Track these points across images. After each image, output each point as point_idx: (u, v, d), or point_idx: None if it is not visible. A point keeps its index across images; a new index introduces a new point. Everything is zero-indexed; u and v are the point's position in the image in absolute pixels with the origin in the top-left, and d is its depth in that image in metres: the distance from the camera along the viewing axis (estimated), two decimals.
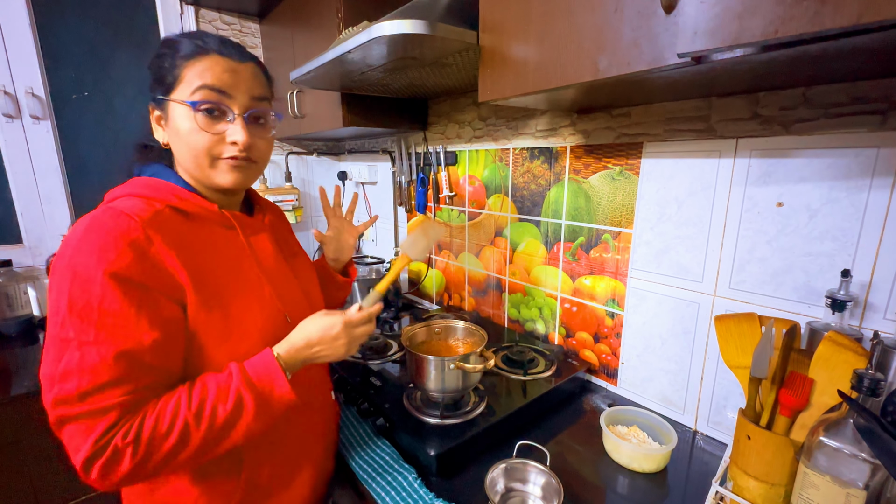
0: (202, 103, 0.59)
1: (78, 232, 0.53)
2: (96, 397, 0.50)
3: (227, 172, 0.63)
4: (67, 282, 0.51)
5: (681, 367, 0.94)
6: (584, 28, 0.62)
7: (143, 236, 0.54)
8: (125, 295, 0.51)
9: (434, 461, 0.77)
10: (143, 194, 0.59)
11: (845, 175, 0.68)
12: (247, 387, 0.57)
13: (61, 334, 0.50)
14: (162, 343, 0.54)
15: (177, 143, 0.62)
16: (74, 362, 0.49)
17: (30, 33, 1.43)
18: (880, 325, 0.68)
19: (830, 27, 0.36)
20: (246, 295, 0.64)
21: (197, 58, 0.60)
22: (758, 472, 0.64)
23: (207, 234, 0.63)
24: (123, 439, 0.50)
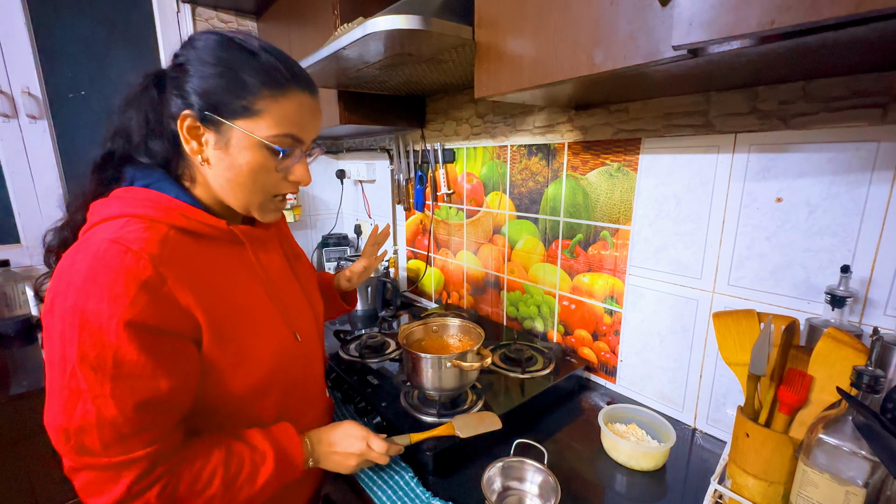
0: (287, 152, 0.57)
1: (80, 270, 0.48)
2: (121, 448, 0.49)
3: (274, 211, 0.64)
4: (76, 330, 0.46)
5: (680, 364, 0.93)
6: (580, 21, 0.61)
7: (154, 275, 0.49)
8: (141, 344, 0.48)
9: (431, 460, 0.77)
10: (144, 215, 0.53)
11: (845, 170, 0.67)
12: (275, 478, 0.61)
13: (71, 385, 0.47)
14: (178, 387, 0.53)
15: (226, 171, 0.57)
16: (92, 416, 0.47)
17: (26, 32, 1.42)
18: (880, 322, 0.67)
19: (828, 17, 0.35)
20: (258, 321, 0.62)
21: (285, 93, 0.56)
22: (757, 469, 0.64)
23: (216, 255, 0.59)
24: (158, 496, 0.51)
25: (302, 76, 0.58)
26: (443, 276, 1.61)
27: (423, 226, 1.66)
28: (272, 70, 0.55)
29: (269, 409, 0.66)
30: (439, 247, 1.60)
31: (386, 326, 1.37)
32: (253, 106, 0.54)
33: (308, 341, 0.72)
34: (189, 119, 0.55)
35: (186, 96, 0.55)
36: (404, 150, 1.62)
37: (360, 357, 1.11)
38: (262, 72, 0.55)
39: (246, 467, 0.58)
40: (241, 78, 0.54)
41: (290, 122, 0.57)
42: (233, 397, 0.60)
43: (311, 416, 0.76)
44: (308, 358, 0.73)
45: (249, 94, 0.54)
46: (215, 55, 0.55)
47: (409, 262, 1.79)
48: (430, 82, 1.21)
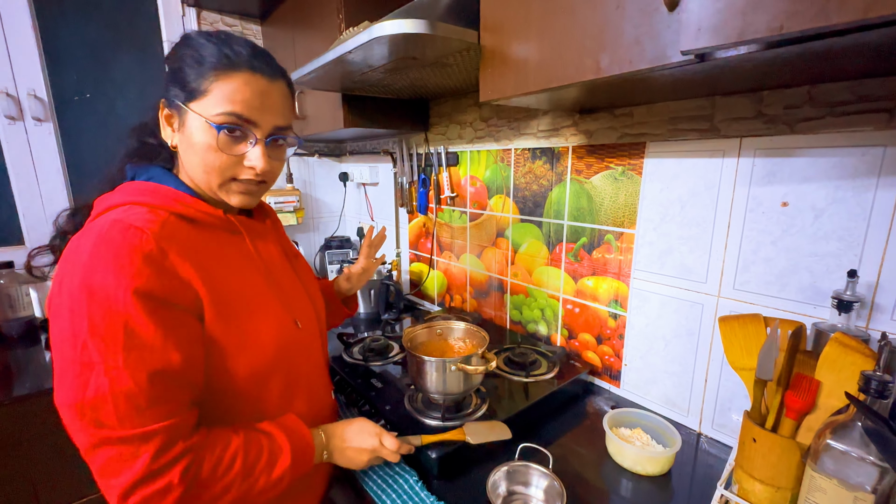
0: (226, 126, 0.57)
1: (86, 248, 0.49)
2: (138, 420, 0.48)
3: (238, 195, 0.62)
4: (84, 304, 0.47)
5: (685, 368, 0.93)
6: (586, 26, 0.61)
7: (156, 248, 0.51)
8: (151, 313, 0.49)
9: (435, 464, 0.76)
10: (144, 202, 0.56)
11: (851, 174, 0.67)
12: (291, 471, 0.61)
13: (82, 358, 0.47)
14: (189, 361, 0.53)
15: (188, 153, 0.60)
16: (106, 388, 0.47)
17: (32, 35, 1.43)
18: (887, 326, 0.67)
19: (836, 22, 0.36)
20: (258, 304, 0.63)
21: (227, 72, 0.56)
22: (763, 475, 0.63)
23: (215, 241, 0.61)
24: (182, 475, 0.50)
25: (253, 58, 0.58)
26: (446, 279, 1.61)
27: (426, 229, 1.66)
28: (221, 52, 0.57)
29: (272, 398, 0.66)
30: (442, 250, 1.60)
31: (389, 329, 1.37)
32: (201, 87, 0.56)
33: (308, 331, 0.73)
34: (165, 108, 0.60)
35: (165, 89, 0.60)
36: (408, 153, 1.62)
37: (363, 360, 1.11)
38: (212, 54, 0.57)
39: (265, 454, 0.58)
40: (195, 62, 0.57)
41: (233, 100, 0.56)
42: (237, 380, 0.60)
43: (315, 413, 0.75)
44: (309, 348, 0.73)
45: (200, 77, 0.56)
46: (180, 47, 0.59)
47: (411, 264, 1.79)
48: (434, 86, 1.22)
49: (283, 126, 0.62)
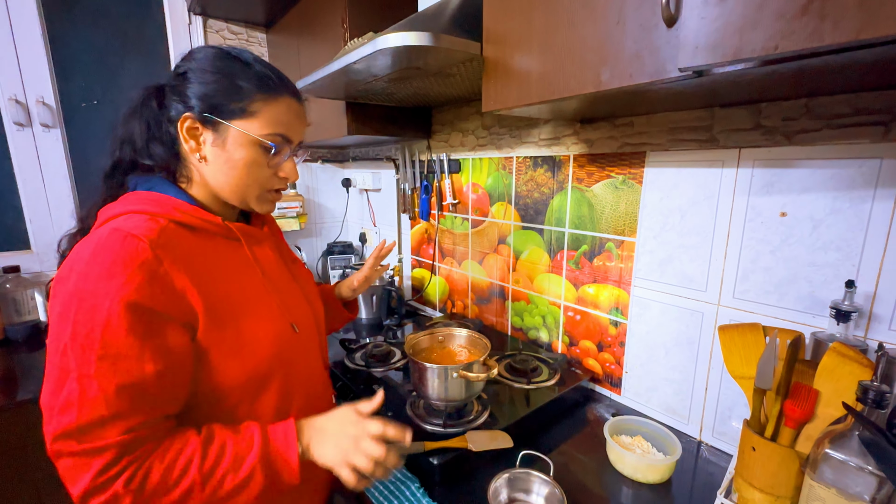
0: (276, 145, 0.63)
1: (84, 256, 0.51)
2: (94, 434, 0.49)
3: (269, 203, 0.69)
4: (73, 309, 0.49)
5: (685, 376, 0.93)
6: (587, 40, 0.62)
7: (152, 256, 0.52)
8: (131, 324, 0.50)
9: (437, 470, 0.77)
10: (144, 210, 0.57)
11: (849, 186, 0.68)
12: (262, 465, 0.56)
13: (62, 363, 0.49)
14: (165, 373, 0.53)
15: (223, 166, 0.62)
16: (75, 395, 0.48)
17: (41, 43, 1.46)
18: (885, 336, 0.68)
19: (830, 43, 0.37)
20: (254, 308, 0.64)
21: (273, 97, 0.62)
22: (763, 483, 0.64)
23: (213, 248, 0.63)
24: (126, 486, 0.49)
25: (290, 85, 0.66)
26: (447, 286, 1.62)
27: (428, 235, 1.67)
28: (265, 77, 0.62)
29: (270, 403, 0.65)
30: (444, 256, 1.61)
31: (391, 335, 1.38)
32: (248, 108, 0.61)
33: (306, 336, 0.73)
34: (189, 120, 0.60)
35: (187, 101, 0.60)
36: (410, 160, 1.64)
37: (365, 366, 1.12)
38: (255, 78, 0.61)
39: (228, 452, 0.55)
40: (237, 83, 0.61)
41: (280, 122, 0.63)
42: (232, 387, 0.61)
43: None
44: (307, 352, 0.73)
45: (245, 98, 0.61)
46: (214, 64, 0.61)
47: (413, 270, 1.80)
48: (436, 94, 1.23)
49: (302, 142, 0.70)
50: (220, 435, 0.56)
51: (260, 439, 0.57)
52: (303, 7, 1.53)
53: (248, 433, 0.58)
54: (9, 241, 1.50)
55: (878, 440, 0.46)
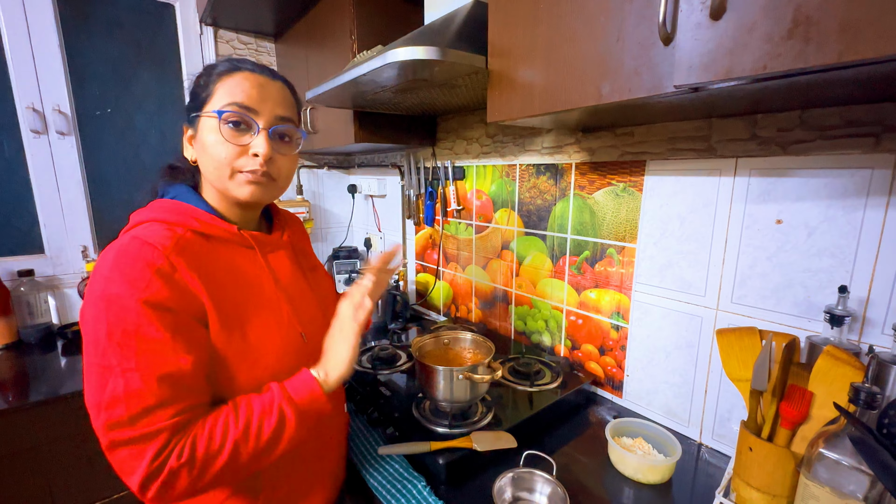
0: (229, 114, 0.62)
1: (108, 262, 0.56)
2: (145, 421, 0.52)
3: (244, 185, 0.65)
4: (104, 311, 0.53)
5: (685, 379, 0.95)
6: (588, 56, 0.65)
7: (167, 264, 0.56)
8: (160, 321, 0.54)
9: (443, 469, 0.79)
10: (165, 219, 0.62)
11: (841, 194, 0.71)
12: (288, 403, 0.60)
13: (102, 362, 0.53)
14: (198, 363, 0.57)
15: (202, 157, 0.65)
16: (120, 389, 0.52)
17: (58, 53, 1.50)
18: (878, 340, 0.70)
19: (814, 65, 0.39)
20: (264, 315, 0.66)
21: (229, 74, 0.64)
22: (760, 483, 0.66)
23: (227, 255, 0.66)
24: (178, 460, 0.52)
25: (250, 63, 0.67)
26: (451, 290, 1.64)
27: (432, 240, 1.70)
28: (222, 64, 0.66)
29: None
30: (448, 261, 1.63)
31: (396, 339, 1.41)
32: (209, 92, 0.65)
33: (316, 344, 0.73)
34: (187, 131, 0.69)
35: (186, 113, 0.69)
36: (415, 167, 1.67)
37: (372, 368, 1.14)
38: (215, 69, 0.66)
39: (256, 404, 0.59)
40: (202, 82, 0.66)
41: (234, 93, 0.63)
42: (239, 390, 0.63)
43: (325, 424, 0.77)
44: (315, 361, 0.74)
45: (208, 86, 0.65)
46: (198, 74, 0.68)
47: (417, 275, 1.82)
48: (442, 104, 1.27)
49: (283, 116, 0.66)
50: (245, 397, 0.61)
51: (279, 385, 0.62)
52: (311, 18, 1.57)
53: (267, 388, 0.62)
54: (23, 245, 1.54)
55: (866, 439, 0.49)
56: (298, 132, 0.70)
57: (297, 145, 0.71)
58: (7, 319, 1.42)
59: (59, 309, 1.57)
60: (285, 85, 0.69)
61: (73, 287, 1.61)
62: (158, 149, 1.74)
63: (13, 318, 1.45)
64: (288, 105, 0.69)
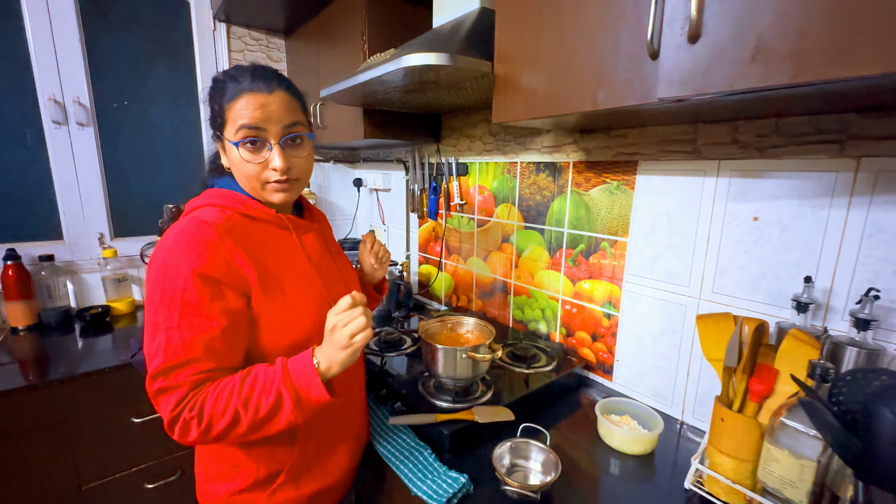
0: (243, 141, 0.70)
1: (170, 237, 0.65)
2: (175, 373, 0.62)
3: (275, 193, 0.74)
4: (161, 277, 0.63)
5: (669, 363, 1.04)
6: (586, 65, 0.73)
7: (218, 239, 0.65)
8: (203, 288, 0.63)
9: (447, 439, 0.87)
10: (217, 203, 0.72)
11: (810, 195, 0.79)
12: (286, 386, 0.63)
13: (154, 319, 0.63)
14: (229, 329, 0.65)
15: (235, 171, 0.75)
16: (162, 343, 0.62)
17: (79, 47, 1.56)
18: (839, 325, 0.78)
19: (772, 84, 0.47)
20: (300, 285, 0.75)
21: (233, 100, 0.70)
22: (730, 450, 0.74)
23: (268, 234, 0.75)
24: (189, 412, 0.62)
25: (251, 82, 0.70)
26: (453, 281, 1.72)
27: (435, 233, 1.78)
28: (225, 88, 0.71)
29: None
30: (450, 253, 1.71)
31: (400, 326, 1.48)
32: (224, 117, 0.71)
33: None
34: (217, 144, 0.77)
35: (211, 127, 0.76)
36: (420, 163, 1.74)
37: (379, 351, 1.22)
38: (222, 91, 0.72)
39: (259, 382, 0.63)
40: (214, 106, 0.73)
41: (241, 117, 0.69)
42: (278, 350, 0.71)
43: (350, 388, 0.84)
44: None
45: (220, 112, 0.72)
46: (210, 91, 0.74)
47: (420, 266, 1.90)
48: (447, 103, 1.34)
49: (289, 123, 0.72)
50: (255, 368, 0.67)
51: (282, 366, 0.65)
52: (323, 18, 1.64)
53: (276, 364, 0.67)
54: (44, 231, 1.60)
55: (813, 402, 0.57)
56: (307, 134, 0.76)
57: (310, 145, 0.78)
58: (28, 302, 1.49)
59: (77, 293, 1.64)
60: (285, 91, 0.73)
61: (90, 272, 1.67)
62: (172, 141, 1.81)
63: (34, 301, 1.52)
64: (292, 111, 0.73)
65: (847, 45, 0.42)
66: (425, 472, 0.82)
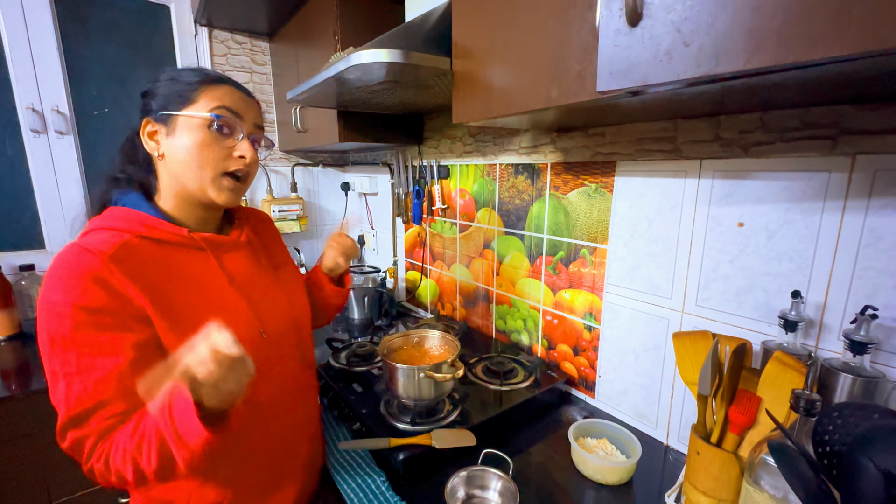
0: (221, 118, 0.66)
1: (50, 272, 0.57)
2: (84, 423, 0.55)
3: (226, 192, 0.69)
4: (45, 319, 0.55)
5: (653, 381, 0.95)
6: (538, 59, 0.65)
7: (103, 270, 0.57)
8: (96, 324, 0.56)
9: (402, 465, 0.81)
10: (113, 226, 0.63)
11: (800, 198, 0.70)
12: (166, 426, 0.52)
13: (50, 367, 0.56)
14: (139, 364, 0.57)
15: (179, 156, 0.66)
16: (62, 392, 0.55)
17: (56, 54, 1.55)
18: (835, 346, 0.69)
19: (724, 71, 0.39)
20: (219, 315, 0.64)
21: (215, 84, 0.68)
22: (706, 487, 0.66)
23: (178, 258, 0.67)
24: (98, 463, 0.56)
25: (230, 80, 0.71)
26: (438, 288, 1.65)
27: (420, 238, 1.71)
28: (205, 72, 0.70)
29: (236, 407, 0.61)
30: (435, 259, 1.65)
31: (380, 335, 1.42)
32: (192, 96, 0.66)
33: (277, 341, 0.75)
34: (149, 124, 0.68)
35: (147, 110, 0.69)
36: (404, 165, 1.68)
37: (347, 365, 1.17)
38: (197, 73, 0.69)
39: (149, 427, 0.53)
40: (182, 80, 0.67)
41: (222, 99, 0.67)
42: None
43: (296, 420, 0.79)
44: (281, 357, 0.76)
45: (189, 89, 0.67)
46: (166, 75, 0.70)
47: (407, 272, 1.84)
48: (423, 103, 1.27)
49: (260, 125, 0.74)
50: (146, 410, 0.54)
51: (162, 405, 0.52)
52: (300, 18, 1.59)
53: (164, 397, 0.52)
54: (25, 240, 1.59)
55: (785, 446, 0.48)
56: (268, 140, 0.78)
57: (264, 153, 0.78)
58: (9, 312, 1.48)
59: None
60: (257, 103, 0.76)
61: None
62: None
63: (15, 310, 1.50)
64: (261, 117, 0.76)
65: (805, 24, 0.34)
66: (373, 502, 0.76)
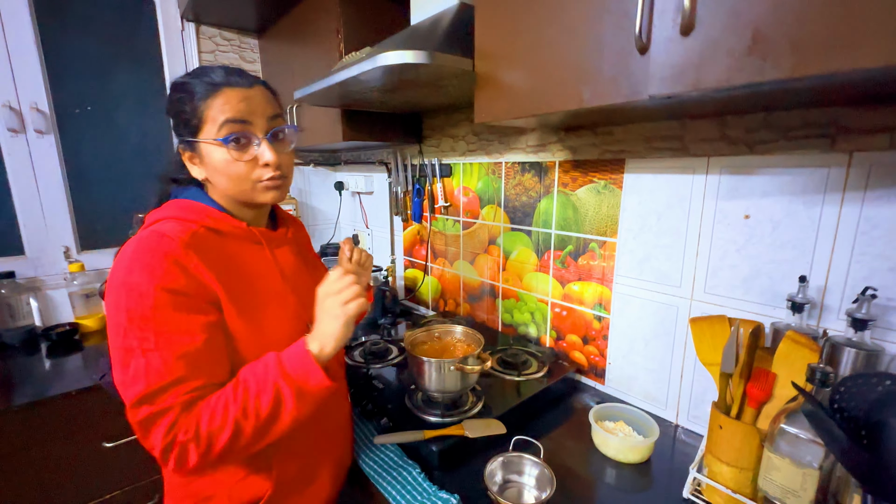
0: (230, 137, 0.65)
1: (128, 253, 0.59)
2: (162, 397, 0.56)
3: (266, 192, 0.70)
4: (124, 297, 0.57)
5: (662, 365, 1.01)
6: (568, 62, 0.69)
7: (182, 254, 0.60)
8: (175, 305, 0.58)
9: (437, 456, 0.83)
10: (180, 216, 0.65)
11: (801, 191, 0.77)
12: (284, 379, 0.60)
13: (125, 344, 0.57)
14: (211, 344, 0.60)
15: (216, 177, 0.68)
16: (141, 368, 0.56)
17: (34, 50, 1.47)
18: (834, 324, 0.76)
19: (772, 77, 0.44)
20: (273, 305, 0.70)
21: (212, 96, 0.65)
22: (729, 458, 0.72)
23: (238, 250, 0.70)
24: (185, 435, 0.56)
25: (229, 76, 0.67)
26: (440, 285, 1.68)
27: (420, 236, 1.73)
28: (199, 83, 0.66)
29: None
30: (436, 256, 1.67)
31: (386, 333, 1.43)
32: (197, 121, 0.66)
33: None
34: (184, 153, 0.70)
35: (177, 136, 0.70)
36: (402, 164, 1.69)
37: (364, 363, 1.17)
38: (193, 93, 0.66)
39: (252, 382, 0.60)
40: (185, 107, 0.66)
41: (223, 112, 0.65)
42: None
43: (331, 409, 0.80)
44: None
45: (194, 112, 0.65)
46: (170, 101, 0.68)
47: (406, 271, 1.85)
48: (427, 102, 1.29)
49: (272, 115, 0.69)
50: (242, 372, 0.62)
51: (275, 360, 0.62)
52: (296, 15, 1.57)
53: (267, 360, 0.63)
54: (3, 246, 1.50)
55: (817, 412, 0.54)
56: (290, 126, 0.73)
57: (292, 140, 0.74)
58: None
59: (42, 311, 1.55)
60: (262, 86, 0.71)
61: (55, 289, 1.58)
62: (140, 146, 1.72)
63: None
64: (272, 103, 0.71)
65: (851, 34, 0.39)
66: (414, 494, 0.78)
